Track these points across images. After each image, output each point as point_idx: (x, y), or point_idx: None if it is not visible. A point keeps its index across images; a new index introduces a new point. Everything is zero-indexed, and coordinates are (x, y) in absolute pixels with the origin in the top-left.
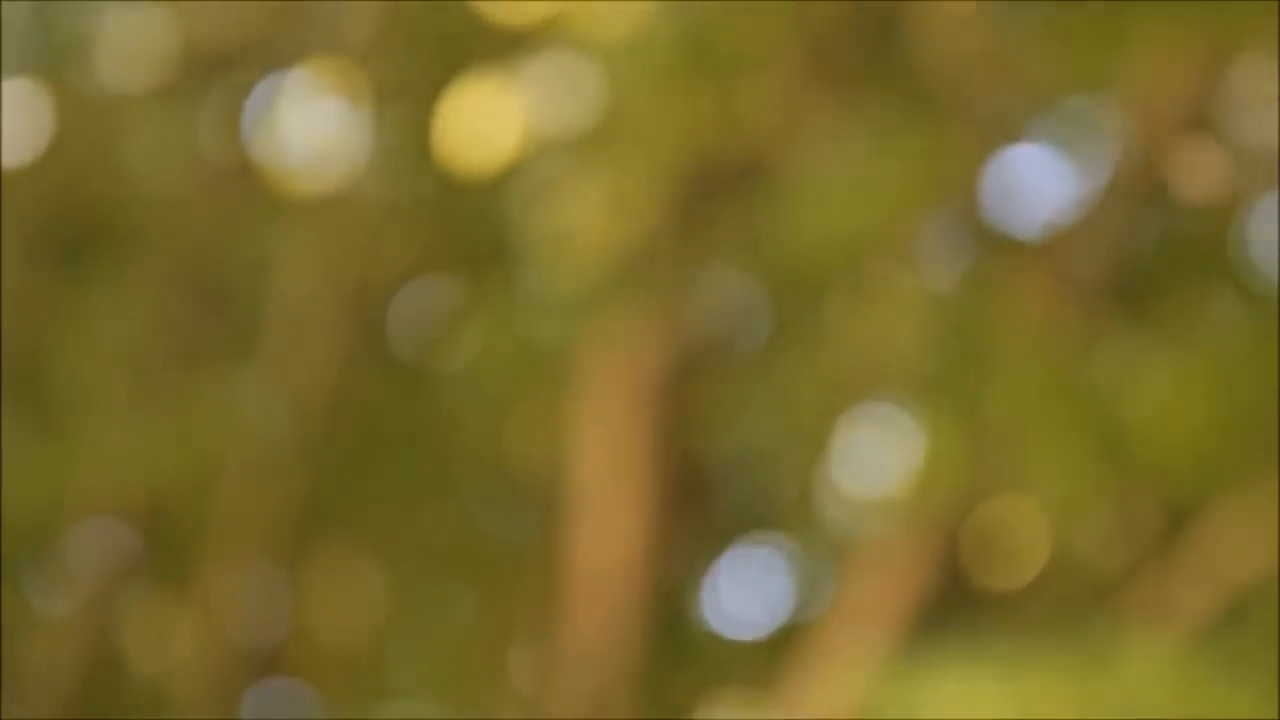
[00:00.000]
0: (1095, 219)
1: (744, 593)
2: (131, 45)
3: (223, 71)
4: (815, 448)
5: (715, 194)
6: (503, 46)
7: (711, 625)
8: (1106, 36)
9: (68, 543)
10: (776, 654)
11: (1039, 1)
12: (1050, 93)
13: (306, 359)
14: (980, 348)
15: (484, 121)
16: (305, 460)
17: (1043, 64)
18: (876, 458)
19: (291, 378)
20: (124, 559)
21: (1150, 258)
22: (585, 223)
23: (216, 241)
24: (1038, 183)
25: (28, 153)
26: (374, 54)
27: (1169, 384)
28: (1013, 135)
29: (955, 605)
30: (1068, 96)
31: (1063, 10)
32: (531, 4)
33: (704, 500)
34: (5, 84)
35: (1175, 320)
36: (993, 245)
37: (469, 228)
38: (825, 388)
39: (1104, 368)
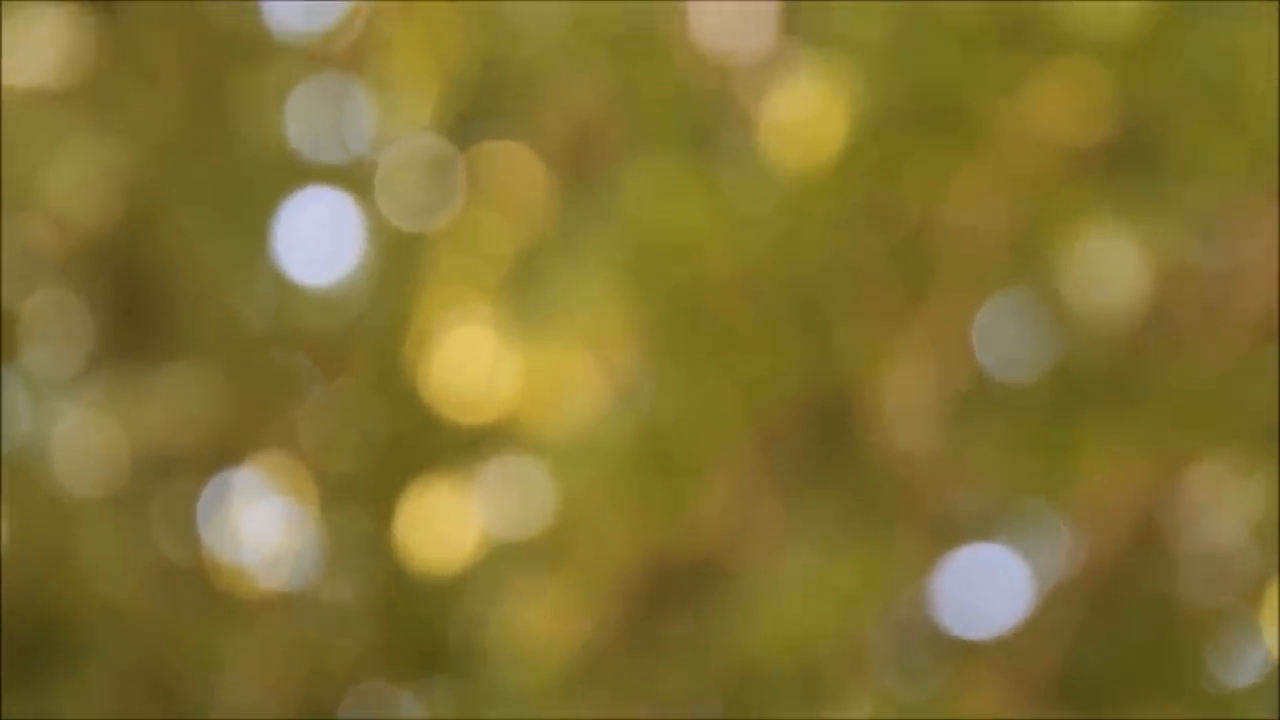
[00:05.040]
0: (1047, 621)
1: None
2: (84, 448)
3: (173, 472)
4: None
5: (668, 595)
6: (456, 445)
7: None
8: (1058, 441)
9: None
10: None
11: (989, 404)
12: (1002, 494)
13: None
14: None
15: (437, 523)
16: None
17: (994, 466)
18: None
19: None
20: None
21: (1103, 662)
22: (538, 625)
23: (168, 642)
24: (990, 583)
25: None
26: (325, 453)
27: None
28: (964, 535)
29: None
30: (1019, 499)
31: (1014, 414)
32: (484, 404)
33: None
34: None
35: None
36: (945, 646)
37: (421, 630)
38: None
39: None
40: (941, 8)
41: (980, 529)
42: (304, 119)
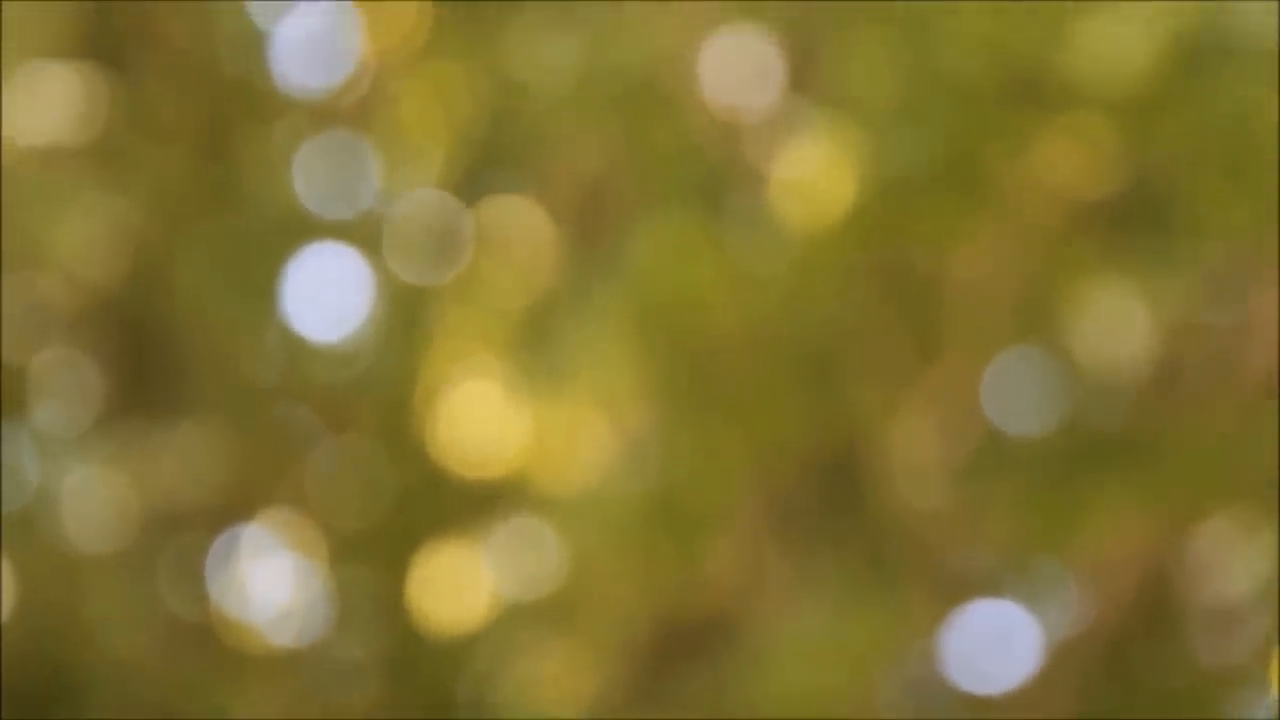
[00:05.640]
0: (1057, 677)
1: None
2: (92, 505)
3: (182, 527)
4: None
5: (677, 653)
6: (464, 501)
7: None
8: (1067, 497)
9: None
10: None
11: (998, 461)
12: (1011, 550)
13: None
14: None
15: (447, 580)
16: None
17: (1003, 522)
18: None
19: None
20: None
21: (1112, 718)
22: (548, 682)
23: (176, 698)
24: (1000, 639)
25: None
26: (334, 508)
27: None
28: (974, 591)
29: None
30: (1028, 555)
31: (1023, 470)
32: (492, 460)
33: None
34: None
35: None
36: (955, 702)
37: (430, 687)
38: None
39: None
40: (949, 65)
41: (990, 585)
42: (312, 175)
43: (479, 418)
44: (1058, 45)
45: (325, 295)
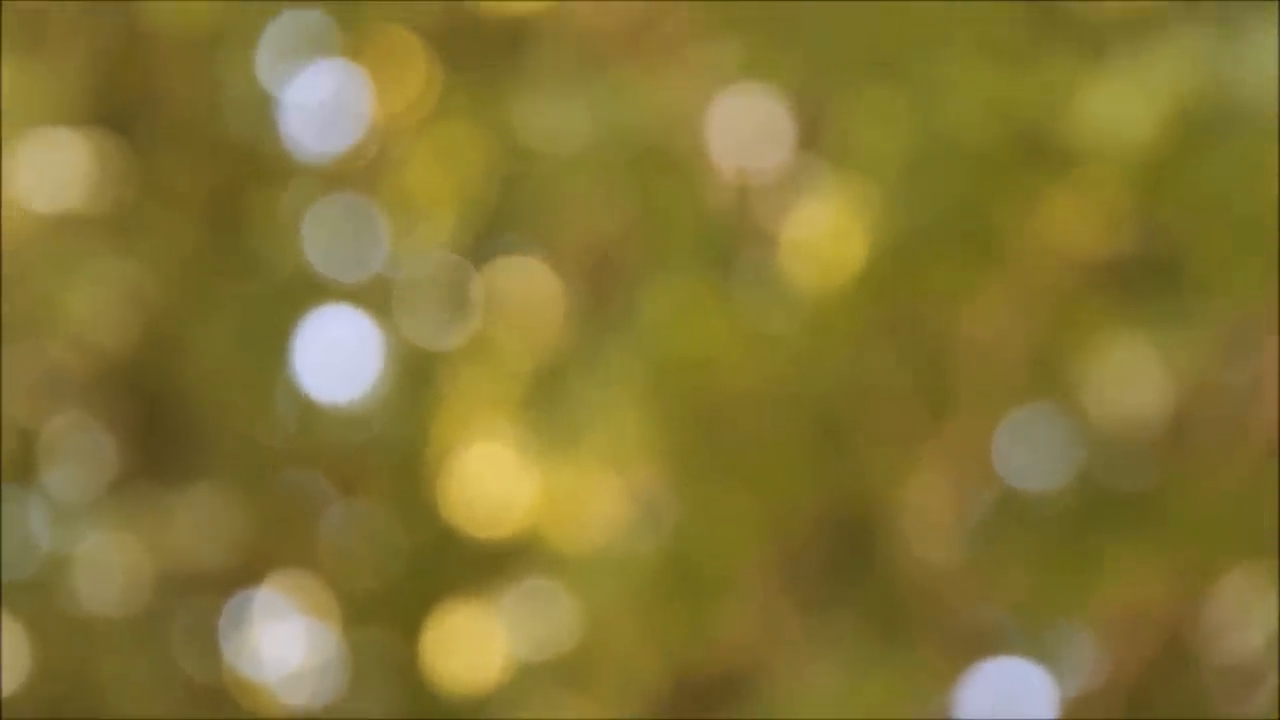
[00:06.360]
0: None
1: None
2: (106, 569)
3: (195, 591)
4: None
5: (691, 712)
6: (477, 563)
7: None
8: (1081, 555)
9: None
10: None
11: (1012, 519)
12: (1025, 608)
13: None
14: None
15: (461, 642)
16: None
17: (1017, 580)
18: None
19: None
20: None
21: None
22: None
23: None
24: (1014, 697)
25: (11, 682)
26: (346, 570)
27: None
28: (988, 649)
29: None
30: (1043, 612)
31: (1036, 528)
32: (504, 521)
33: None
34: None
35: None
36: None
37: None
38: None
39: None
40: (957, 125)
41: (1004, 642)
42: (321, 239)
43: (490, 479)
44: (1065, 107)
45: (336, 358)
